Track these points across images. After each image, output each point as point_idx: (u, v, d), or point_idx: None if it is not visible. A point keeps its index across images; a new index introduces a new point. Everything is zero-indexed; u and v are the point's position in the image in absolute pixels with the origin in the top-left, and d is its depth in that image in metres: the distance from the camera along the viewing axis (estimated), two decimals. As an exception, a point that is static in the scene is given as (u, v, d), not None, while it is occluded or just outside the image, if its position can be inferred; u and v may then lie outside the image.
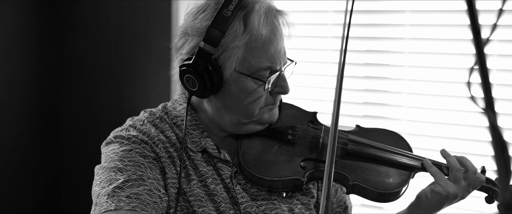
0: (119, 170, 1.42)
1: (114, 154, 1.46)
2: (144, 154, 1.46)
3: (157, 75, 2.87)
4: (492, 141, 0.74)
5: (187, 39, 1.46)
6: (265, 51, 1.44)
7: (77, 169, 3.12)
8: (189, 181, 1.49)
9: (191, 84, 1.45)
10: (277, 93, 1.52)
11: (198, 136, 1.53)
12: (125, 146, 1.46)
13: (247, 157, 1.53)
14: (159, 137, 1.50)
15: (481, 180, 1.53)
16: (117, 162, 1.43)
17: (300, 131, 1.58)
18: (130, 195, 1.37)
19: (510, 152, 0.73)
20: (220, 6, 1.41)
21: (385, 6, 2.52)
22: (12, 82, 2.92)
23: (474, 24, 0.73)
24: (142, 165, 1.43)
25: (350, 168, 1.54)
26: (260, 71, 1.45)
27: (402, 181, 1.54)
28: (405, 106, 2.49)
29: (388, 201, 1.54)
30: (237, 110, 1.48)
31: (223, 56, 1.42)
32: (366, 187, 1.52)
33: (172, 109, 1.57)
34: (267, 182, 1.51)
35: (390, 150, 1.58)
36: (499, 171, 0.73)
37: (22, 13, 2.92)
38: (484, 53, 0.74)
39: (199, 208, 1.47)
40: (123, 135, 1.49)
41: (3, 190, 2.91)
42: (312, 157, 1.55)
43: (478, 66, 0.74)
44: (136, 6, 2.89)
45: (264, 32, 1.43)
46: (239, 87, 1.46)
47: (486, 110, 0.73)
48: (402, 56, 2.48)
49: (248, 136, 1.56)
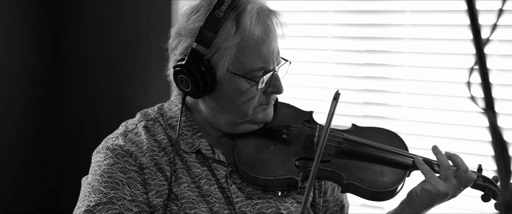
0: (94, 191, 1.46)
1: (98, 167, 1.49)
2: (124, 169, 1.47)
3: (157, 75, 2.87)
4: (492, 141, 0.74)
5: (181, 40, 1.48)
6: (257, 52, 1.45)
7: (77, 169, 3.12)
8: (179, 184, 1.49)
9: (185, 84, 1.46)
10: (270, 93, 1.53)
11: (192, 136, 1.54)
12: (108, 160, 1.49)
13: (242, 156, 1.53)
14: (149, 144, 1.51)
15: (472, 179, 1.52)
16: (98, 177, 1.47)
17: (295, 130, 1.58)
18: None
19: (510, 152, 0.73)
20: (213, 7, 1.42)
21: (385, 6, 2.51)
22: (12, 82, 2.92)
23: (474, 24, 0.73)
24: (119, 182, 1.46)
25: (345, 167, 1.54)
26: (253, 72, 1.46)
27: (396, 179, 1.54)
28: (405, 106, 2.49)
29: (384, 199, 1.54)
30: (231, 110, 1.49)
31: (215, 56, 1.43)
32: (361, 186, 1.52)
33: (168, 110, 1.58)
34: (262, 181, 1.51)
35: (385, 149, 1.58)
36: (499, 171, 0.73)
37: (22, 13, 2.92)
38: (484, 53, 0.74)
39: (191, 210, 1.47)
40: (109, 146, 1.51)
41: (3, 190, 2.91)
42: (306, 156, 1.55)
43: (478, 66, 0.74)
44: (136, 6, 2.89)
45: (257, 32, 1.44)
46: (232, 87, 1.46)
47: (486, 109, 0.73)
48: (402, 56, 2.48)
49: (243, 136, 1.57)
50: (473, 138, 2.35)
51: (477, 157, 2.33)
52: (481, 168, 1.59)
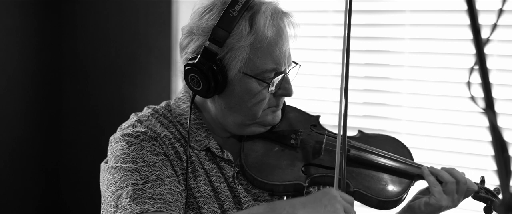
0: (136, 170, 1.41)
1: (125, 155, 1.44)
2: (155, 152, 1.45)
3: (157, 75, 2.87)
4: (492, 141, 0.74)
5: (193, 38, 1.46)
6: (270, 53, 1.44)
7: (77, 168, 3.12)
8: (196, 177, 1.48)
9: (196, 83, 1.45)
10: (280, 96, 1.52)
11: (202, 135, 1.53)
12: (134, 146, 1.45)
13: (249, 159, 1.52)
14: (165, 133, 1.50)
15: (473, 189, 1.53)
16: (131, 164, 1.42)
17: (303, 135, 1.57)
18: (153, 196, 1.38)
19: (510, 152, 0.73)
20: (227, 6, 1.41)
21: (385, 6, 2.52)
22: (12, 82, 2.92)
23: (474, 24, 0.73)
24: (156, 164, 1.43)
25: (352, 175, 1.53)
26: (265, 73, 1.45)
27: (402, 189, 1.54)
28: (405, 106, 2.49)
29: (388, 208, 1.54)
30: (241, 110, 1.48)
31: (228, 56, 1.42)
32: (367, 194, 1.51)
33: (176, 107, 1.56)
34: (268, 185, 1.50)
35: (391, 158, 1.57)
36: (499, 171, 0.73)
37: (22, 13, 2.92)
38: (484, 53, 0.74)
39: (205, 205, 1.47)
40: (131, 133, 1.47)
41: (3, 190, 2.91)
42: (314, 162, 1.54)
43: (478, 66, 0.74)
44: (136, 6, 2.89)
45: (270, 33, 1.43)
46: (243, 88, 1.45)
47: (486, 109, 0.73)
48: (402, 56, 2.48)
49: (251, 138, 1.55)
50: (473, 138, 2.35)
51: (477, 157, 2.34)
52: (483, 180, 1.59)
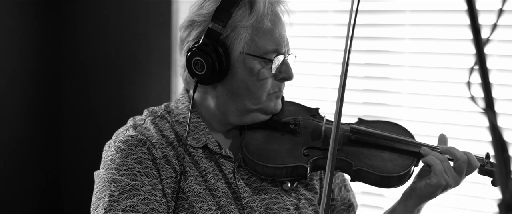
0: (114, 181, 1.46)
1: (111, 161, 1.49)
2: (140, 159, 1.48)
3: (157, 75, 2.87)
4: (492, 141, 0.74)
5: (194, 26, 1.51)
6: (270, 34, 1.51)
7: (77, 169, 3.12)
8: (186, 178, 1.51)
9: (199, 67, 1.48)
10: (282, 80, 1.55)
11: (200, 132, 1.55)
12: (121, 152, 1.49)
13: (250, 147, 1.54)
14: (158, 137, 1.52)
15: (476, 166, 1.54)
16: (113, 171, 1.47)
17: (302, 121, 1.60)
18: (126, 208, 1.43)
19: (510, 152, 0.73)
20: None
21: (385, 6, 2.51)
22: (12, 82, 2.92)
23: (474, 24, 0.73)
24: (137, 173, 1.47)
25: (353, 155, 1.55)
26: (266, 54, 1.50)
27: (405, 165, 1.55)
28: (405, 106, 2.49)
29: (392, 186, 1.55)
30: (245, 94, 1.51)
31: (231, 35, 1.48)
32: (370, 171, 1.53)
33: (175, 108, 1.59)
34: (270, 169, 1.52)
35: (392, 137, 1.59)
36: (499, 171, 0.73)
37: (22, 13, 2.92)
38: (484, 53, 0.74)
39: (197, 204, 1.49)
40: (121, 139, 1.51)
41: (3, 190, 2.91)
42: (315, 145, 1.56)
43: (478, 66, 0.74)
44: (136, 6, 2.89)
45: (269, 16, 1.51)
46: (246, 69, 1.50)
47: (486, 109, 0.73)
48: (402, 56, 2.48)
49: (251, 129, 1.58)
50: (473, 138, 2.35)
51: (477, 157, 2.33)
52: (489, 156, 1.60)
